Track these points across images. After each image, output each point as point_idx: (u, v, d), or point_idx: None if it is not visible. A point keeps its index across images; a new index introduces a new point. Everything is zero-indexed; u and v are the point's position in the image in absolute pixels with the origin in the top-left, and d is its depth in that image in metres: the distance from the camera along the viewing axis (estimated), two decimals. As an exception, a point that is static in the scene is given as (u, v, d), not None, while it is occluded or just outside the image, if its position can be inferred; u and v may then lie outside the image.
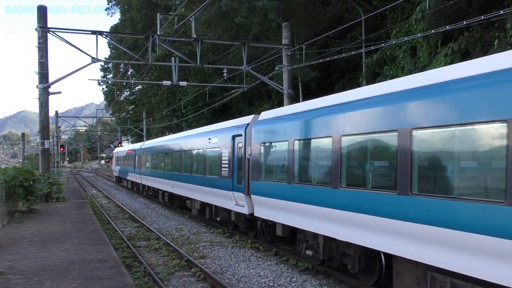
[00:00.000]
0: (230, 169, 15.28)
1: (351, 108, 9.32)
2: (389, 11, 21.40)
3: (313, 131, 10.55)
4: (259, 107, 33.29)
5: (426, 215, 7.14)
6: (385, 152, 8.49)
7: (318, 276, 10.77)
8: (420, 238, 7.34)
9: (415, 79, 8.10)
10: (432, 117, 7.17)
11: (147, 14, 50.17)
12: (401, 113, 7.88)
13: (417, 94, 7.62)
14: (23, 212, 17.65)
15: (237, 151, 14.99)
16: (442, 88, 7.12)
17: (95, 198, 32.63)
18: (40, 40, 21.41)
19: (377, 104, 8.60)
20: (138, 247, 14.71)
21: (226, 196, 15.62)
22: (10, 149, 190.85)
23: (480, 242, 6.21)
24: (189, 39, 24.85)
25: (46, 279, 8.30)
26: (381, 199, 8.23)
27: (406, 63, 18.77)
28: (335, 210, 9.46)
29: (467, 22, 13.18)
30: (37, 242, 11.92)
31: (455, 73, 7.05)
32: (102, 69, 69.89)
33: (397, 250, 7.96)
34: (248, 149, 13.99)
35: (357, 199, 8.84)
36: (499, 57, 6.56)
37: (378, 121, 8.42)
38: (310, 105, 11.31)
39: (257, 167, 13.34)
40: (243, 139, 14.45)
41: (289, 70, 22.20)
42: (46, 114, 22.17)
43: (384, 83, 9.37)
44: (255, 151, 13.46)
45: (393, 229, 7.93)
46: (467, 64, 7.14)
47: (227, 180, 15.45)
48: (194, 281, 10.69)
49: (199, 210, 19.70)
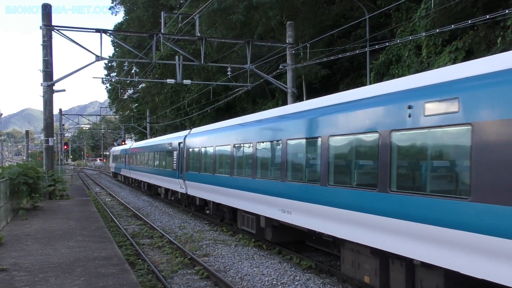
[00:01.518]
0: (177, 164, 22.16)
1: (221, 130, 16.70)
2: (394, 11, 21.34)
3: (211, 143, 17.37)
4: (263, 106, 33.30)
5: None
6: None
7: (321, 275, 10.76)
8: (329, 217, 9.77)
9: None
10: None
11: (152, 13, 50.20)
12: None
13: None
14: (27, 210, 17.71)
15: (180, 152, 21.82)
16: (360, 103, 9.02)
17: (99, 196, 32.71)
18: (45, 38, 21.47)
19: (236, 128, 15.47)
20: (142, 244, 14.74)
21: (176, 182, 22.68)
22: (14, 147, 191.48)
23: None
24: (193, 38, 24.90)
25: (50, 276, 8.33)
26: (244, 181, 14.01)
27: (412, 62, 18.73)
28: (216, 187, 16.43)
29: (472, 21, 13.13)
30: (41, 239, 11.96)
31: (370, 93, 8.82)
32: (106, 67, 70.09)
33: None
34: (184, 151, 21.12)
35: (225, 180, 15.49)
36: (374, 87, 8.94)
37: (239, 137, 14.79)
38: (211, 126, 18.88)
39: (188, 163, 20.40)
40: (183, 145, 21.41)
41: (293, 69, 22.18)
42: (50, 112, 22.23)
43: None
44: (187, 153, 20.69)
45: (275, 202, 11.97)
46: (359, 90, 9.49)
47: (176, 172, 22.41)
48: (197, 279, 10.71)
49: (164, 194, 27.04)
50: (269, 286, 9.99)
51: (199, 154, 18.67)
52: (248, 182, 13.38)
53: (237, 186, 14.33)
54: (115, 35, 35.56)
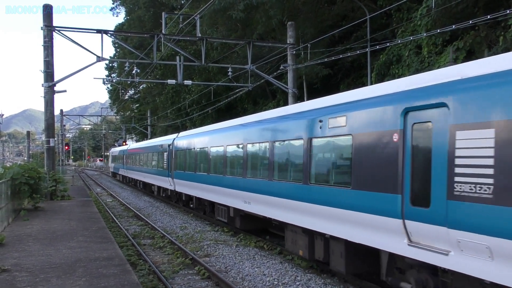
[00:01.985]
0: (167, 164, 24.54)
1: (200, 135, 19.65)
2: (395, 11, 21.32)
3: (193, 145, 19.77)
4: (264, 106, 33.28)
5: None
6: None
7: (322, 275, 10.76)
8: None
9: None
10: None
11: (153, 13, 50.20)
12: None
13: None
14: (28, 210, 17.74)
15: (170, 153, 24.12)
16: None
17: (100, 196, 32.73)
18: (46, 38, 21.50)
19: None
20: (143, 245, 14.74)
21: (166, 181, 25.09)
22: (15, 148, 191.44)
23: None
24: (194, 38, 24.89)
25: (52, 277, 8.34)
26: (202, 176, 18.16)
27: (412, 61, 18.71)
28: (197, 184, 18.88)
29: (473, 21, 13.11)
30: (43, 240, 11.98)
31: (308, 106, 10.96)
32: (107, 68, 70.02)
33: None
34: (173, 153, 23.54)
35: (204, 178, 17.93)
36: (296, 106, 11.72)
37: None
38: (195, 131, 21.47)
39: (176, 163, 22.85)
40: (172, 146, 23.77)
41: (294, 69, 22.18)
42: (51, 113, 22.26)
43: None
44: (175, 154, 23.15)
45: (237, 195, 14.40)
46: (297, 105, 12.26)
47: (166, 171, 24.73)
48: (198, 279, 10.71)
49: (157, 191, 29.54)
50: (270, 286, 9.99)
51: (185, 155, 21.22)
52: (221, 179, 15.96)
53: (212, 183, 16.91)
54: (116, 36, 35.60)
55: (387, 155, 7.64)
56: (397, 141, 7.42)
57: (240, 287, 9.93)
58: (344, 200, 8.81)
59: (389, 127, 7.65)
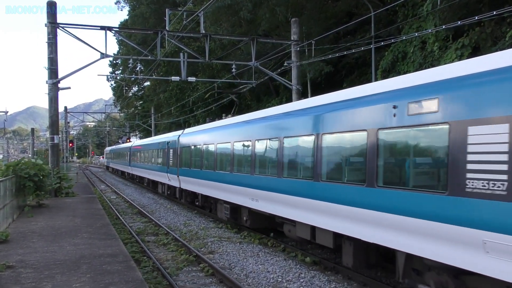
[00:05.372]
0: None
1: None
2: (399, 7, 21.21)
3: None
4: (267, 103, 33.23)
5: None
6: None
7: (326, 272, 10.73)
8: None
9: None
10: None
11: (156, 10, 50.13)
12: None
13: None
14: (33, 207, 17.78)
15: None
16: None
17: (104, 193, 32.79)
18: (50, 35, 21.48)
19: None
20: (147, 242, 14.76)
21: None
22: (19, 145, 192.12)
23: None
24: (198, 35, 24.82)
25: (56, 273, 8.35)
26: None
27: (416, 57, 18.62)
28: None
29: (479, 17, 13.02)
30: (47, 237, 12.00)
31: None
32: (111, 65, 70.14)
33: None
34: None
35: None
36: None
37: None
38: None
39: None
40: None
41: (298, 66, 22.10)
42: (55, 110, 22.27)
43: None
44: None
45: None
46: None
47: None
48: (202, 276, 10.71)
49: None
50: (274, 283, 9.97)
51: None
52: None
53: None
54: (120, 33, 35.58)
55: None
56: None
57: (244, 284, 9.92)
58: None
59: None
